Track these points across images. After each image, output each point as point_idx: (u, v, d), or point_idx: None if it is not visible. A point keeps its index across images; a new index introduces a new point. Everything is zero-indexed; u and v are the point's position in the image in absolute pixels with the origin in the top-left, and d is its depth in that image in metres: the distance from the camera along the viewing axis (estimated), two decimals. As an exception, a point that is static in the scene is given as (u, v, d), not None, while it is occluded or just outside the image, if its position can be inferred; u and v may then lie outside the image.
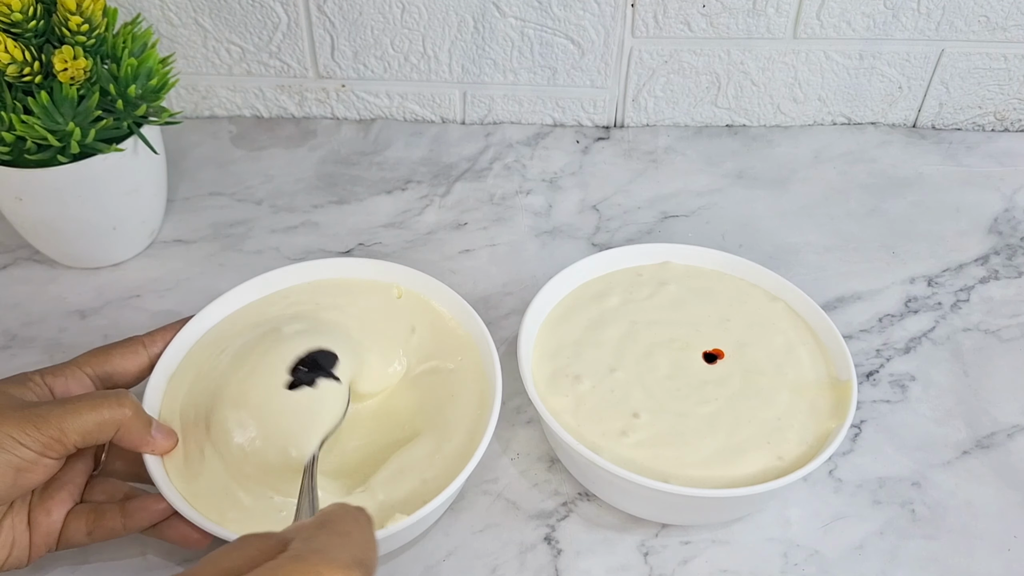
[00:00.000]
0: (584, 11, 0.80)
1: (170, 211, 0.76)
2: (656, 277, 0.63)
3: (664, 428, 0.53)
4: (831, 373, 0.57)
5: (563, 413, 0.54)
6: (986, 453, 0.59)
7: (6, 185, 0.63)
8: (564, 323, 0.60)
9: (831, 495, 0.56)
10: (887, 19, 0.81)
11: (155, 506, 0.48)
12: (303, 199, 0.79)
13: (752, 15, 0.81)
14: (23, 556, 0.46)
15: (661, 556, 0.53)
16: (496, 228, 0.76)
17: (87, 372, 0.50)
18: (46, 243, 0.69)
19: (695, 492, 0.49)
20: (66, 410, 0.44)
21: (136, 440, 0.47)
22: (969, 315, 0.69)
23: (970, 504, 0.56)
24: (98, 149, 0.62)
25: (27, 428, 0.43)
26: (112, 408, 0.45)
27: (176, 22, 0.82)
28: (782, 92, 0.86)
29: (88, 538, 0.48)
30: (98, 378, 0.51)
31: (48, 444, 0.44)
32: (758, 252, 0.74)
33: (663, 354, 0.58)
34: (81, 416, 0.44)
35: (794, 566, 0.53)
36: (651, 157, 0.85)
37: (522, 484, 0.56)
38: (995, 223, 0.78)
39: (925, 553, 0.53)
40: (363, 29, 0.82)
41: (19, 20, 0.58)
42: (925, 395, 0.63)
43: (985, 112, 0.88)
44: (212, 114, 0.88)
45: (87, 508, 0.48)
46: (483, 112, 0.88)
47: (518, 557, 0.53)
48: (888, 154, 0.86)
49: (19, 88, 0.60)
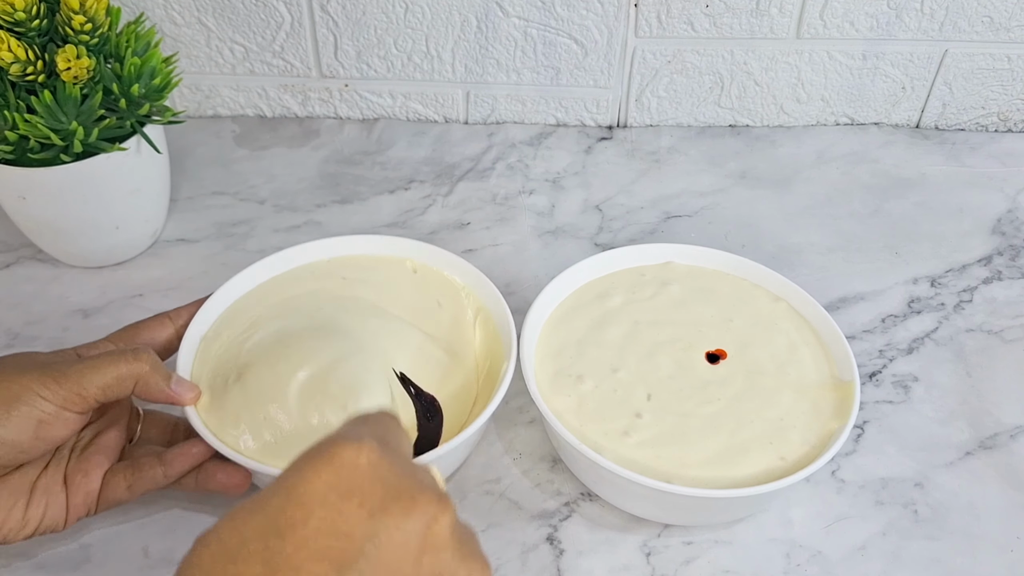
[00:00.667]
0: (587, 11, 0.80)
1: (173, 210, 0.76)
2: (659, 277, 0.63)
3: (666, 428, 0.53)
4: (834, 373, 0.57)
5: (566, 413, 0.54)
6: (989, 454, 0.59)
7: (9, 184, 0.63)
8: (567, 323, 0.60)
9: (834, 496, 0.56)
10: (890, 19, 0.81)
11: (193, 449, 0.49)
12: (306, 199, 0.79)
13: (755, 15, 0.81)
14: (59, 518, 0.47)
15: (663, 556, 0.53)
16: (499, 228, 0.76)
17: (118, 346, 0.51)
18: (49, 242, 0.69)
19: (697, 492, 0.49)
20: (86, 366, 0.46)
21: (155, 393, 0.48)
22: (972, 316, 0.69)
23: (973, 505, 0.56)
24: (101, 148, 0.62)
25: (48, 382, 0.44)
26: (129, 363, 0.47)
27: (180, 21, 0.82)
28: (785, 92, 0.86)
29: (128, 492, 0.49)
30: None
31: (68, 398, 0.45)
32: (761, 252, 0.74)
33: (666, 354, 0.58)
34: (100, 371, 0.46)
35: (796, 567, 0.52)
36: (654, 157, 0.85)
37: (524, 484, 0.56)
38: (998, 224, 0.78)
39: (928, 554, 0.53)
40: (366, 29, 0.82)
41: (23, 19, 0.58)
42: (928, 396, 0.63)
43: (988, 113, 0.88)
44: (215, 113, 0.88)
45: (125, 464, 0.50)
46: (486, 112, 0.88)
47: (520, 557, 0.53)
48: (891, 154, 0.86)
49: (22, 87, 0.60)
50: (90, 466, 0.49)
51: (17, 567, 0.51)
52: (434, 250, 0.62)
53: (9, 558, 0.51)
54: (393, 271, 0.62)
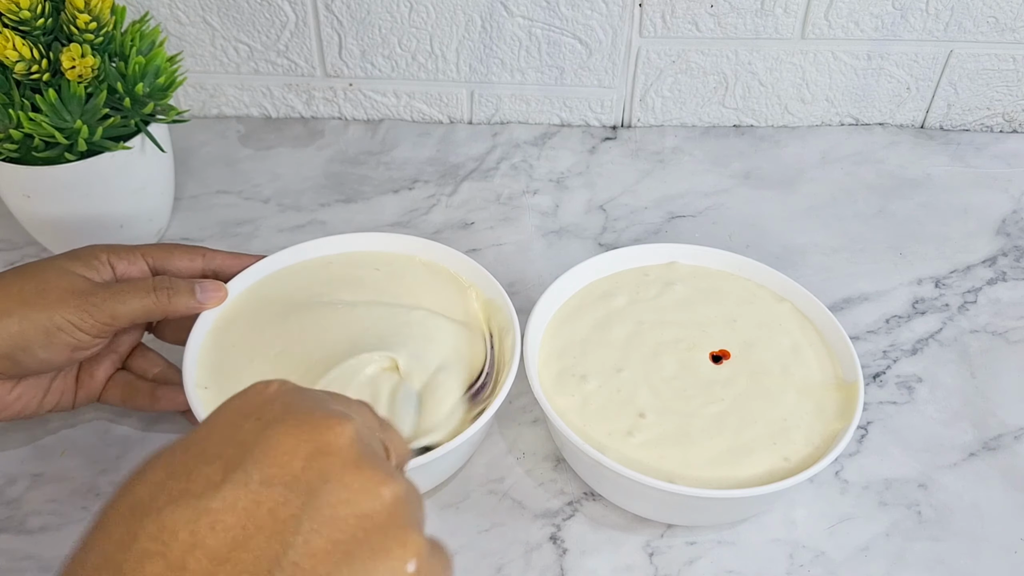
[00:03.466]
0: (592, 11, 0.80)
1: (177, 209, 0.76)
2: (663, 277, 0.63)
3: (670, 428, 0.53)
4: (838, 374, 0.57)
5: (569, 412, 0.54)
6: (993, 455, 0.59)
7: (14, 182, 0.63)
8: (571, 323, 0.60)
9: (837, 496, 0.56)
10: (895, 20, 0.81)
11: (179, 398, 0.55)
12: (310, 198, 0.79)
13: (760, 15, 0.80)
14: (68, 404, 0.55)
15: (666, 557, 0.53)
16: (503, 228, 0.76)
17: (148, 261, 0.55)
18: (53, 240, 0.69)
19: (701, 493, 0.48)
20: (116, 298, 0.50)
21: (183, 311, 0.53)
22: (976, 317, 0.69)
23: (977, 506, 0.56)
24: (105, 147, 0.62)
25: (82, 315, 0.49)
26: (154, 298, 0.51)
27: (184, 20, 0.82)
28: (790, 92, 0.86)
29: (121, 404, 0.57)
30: (154, 270, 0.55)
31: (100, 329, 0.50)
32: (765, 253, 0.74)
33: (670, 354, 0.58)
34: (128, 304, 0.50)
35: (800, 567, 0.52)
36: (658, 157, 0.85)
37: (528, 483, 0.56)
38: (1003, 224, 0.78)
39: (931, 555, 0.53)
40: (371, 28, 0.82)
41: (27, 18, 0.58)
42: (932, 397, 0.63)
43: (993, 113, 0.87)
44: (220, 113, 0.89)
45: (124, 380, 0.56)
46: (490, 112, 0.88)
47: (523, 556, 0.53)
48: (896, 155, 0.85)
49: (27, 86, 0.60)
50: (97, 368, 0.56)
51: (24, 568, 0.51)
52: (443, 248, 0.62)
53: (17, 560, 0.52)
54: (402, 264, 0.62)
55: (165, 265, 0.55)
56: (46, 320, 0.48)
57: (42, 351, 0.49)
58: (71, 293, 0.49)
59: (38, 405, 0.53)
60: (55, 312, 0.48)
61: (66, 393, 0.55)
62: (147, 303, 0.51)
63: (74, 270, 0.51)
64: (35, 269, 0.51)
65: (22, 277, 0.50)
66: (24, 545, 0.52)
